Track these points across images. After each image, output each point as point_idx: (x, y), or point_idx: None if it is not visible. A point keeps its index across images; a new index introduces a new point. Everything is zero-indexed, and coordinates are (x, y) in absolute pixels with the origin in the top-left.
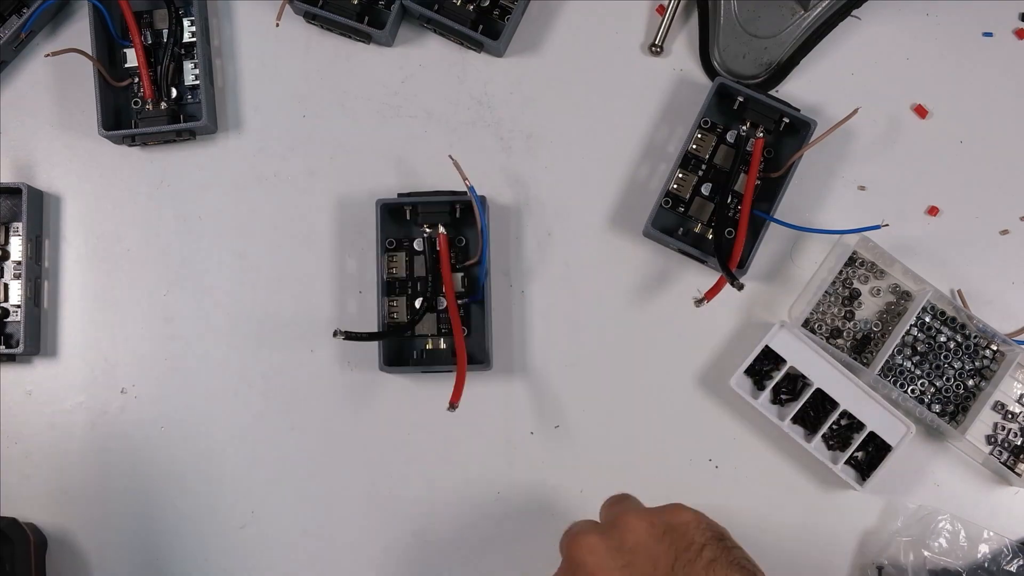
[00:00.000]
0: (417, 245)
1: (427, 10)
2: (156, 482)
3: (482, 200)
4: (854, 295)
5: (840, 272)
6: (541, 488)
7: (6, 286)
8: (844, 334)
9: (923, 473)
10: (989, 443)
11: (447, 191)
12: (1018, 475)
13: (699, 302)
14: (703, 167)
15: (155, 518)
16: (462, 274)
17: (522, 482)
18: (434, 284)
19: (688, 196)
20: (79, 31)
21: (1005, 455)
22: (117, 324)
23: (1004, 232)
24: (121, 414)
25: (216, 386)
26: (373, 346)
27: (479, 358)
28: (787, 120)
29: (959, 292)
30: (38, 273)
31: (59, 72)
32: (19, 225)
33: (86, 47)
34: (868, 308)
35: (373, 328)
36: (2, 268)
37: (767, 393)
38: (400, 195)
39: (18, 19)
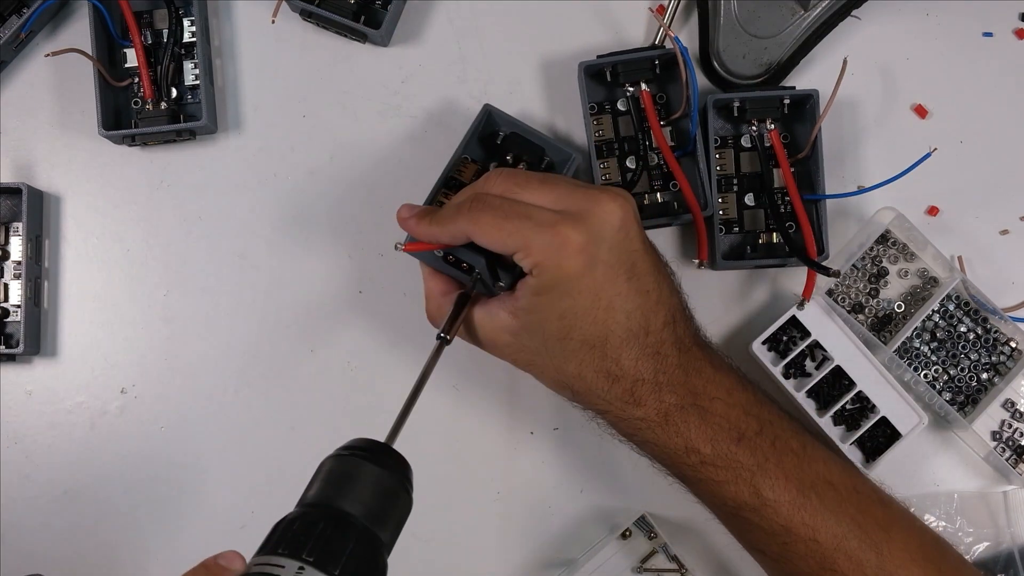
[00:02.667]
0: (621, 105)
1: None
2: (156, 482)
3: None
4: (881, 273)
5: (871, 248)
6: (541, 488)
7: (6, 286)
8: (866, 310)
9: (922, 466)
10: (994, 439)
11: (647, 47)
12: (1020, 474)
13: (801, 304)
14: (735, 182)
15: (155, 518)
16: (669, 128)
17: (522, 481)
18: (644, 141)
19: (737, 215)
20: (79, 31)
21: (1008, 453)
22: (117, 324)
23: (1004, 232)
24: (121, 414)
25: (216, 386)
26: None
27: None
28: (788, 101)
29: (959, 259)
30: (38, 273)
31: (59, 72)
32: (19, 225)
33: (86, 47)
34: (893, 288)
35: None
36: (2, 268)
37: (785, 362)
38: (600, 56)
39: (18, 19)
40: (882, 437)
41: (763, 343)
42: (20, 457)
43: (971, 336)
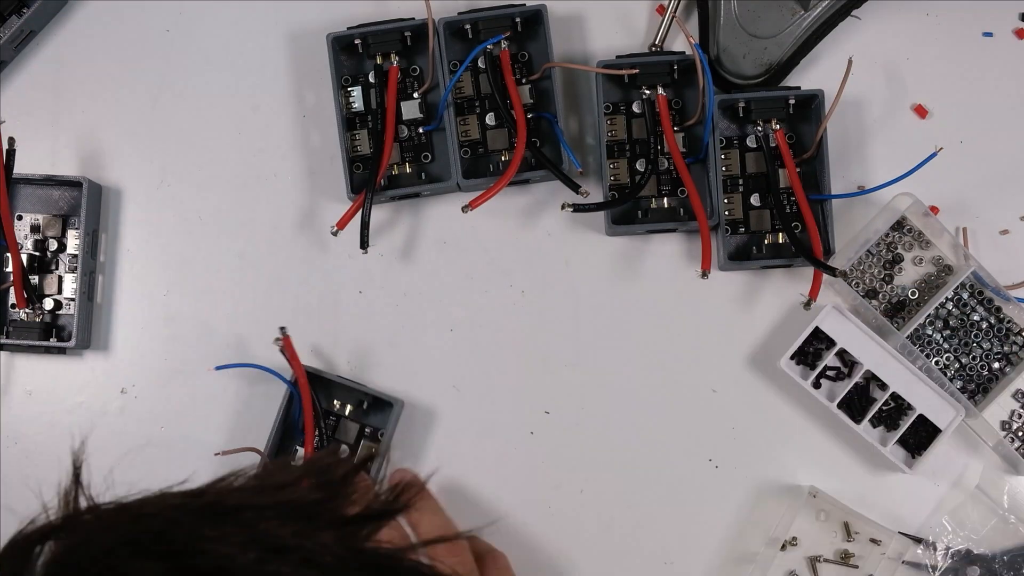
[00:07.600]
0: (636, 107)
1: None
2: (156, 482)
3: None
4: (896, 260)
5: (886, 235)
6: (541, 488)
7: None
8: (880, 296)
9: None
10: (1003, 429)
11: (668, 51)
12: None
13: (807, 304)
14: (741, 182)
15: None
16: (682, 135)
17: (523, 482)
18: (655, 145)
19: (743, 216)
20: (79, 30)
21: (1017, 443)
22: (117, 324)
23: (1004, 232)
24: (121, 414)
25: (215, 386)
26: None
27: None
28: (793, 102)
29: (963, 230)
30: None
31: (60, 72)
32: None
33: (86, 50)
34: (908, 275)
35: None
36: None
37: (816, 374)
38: (619, 56)
39: (18, 19)
40: (924, 433)
41: (791, 358)
42: (20, 457)
43: (984, 325)
